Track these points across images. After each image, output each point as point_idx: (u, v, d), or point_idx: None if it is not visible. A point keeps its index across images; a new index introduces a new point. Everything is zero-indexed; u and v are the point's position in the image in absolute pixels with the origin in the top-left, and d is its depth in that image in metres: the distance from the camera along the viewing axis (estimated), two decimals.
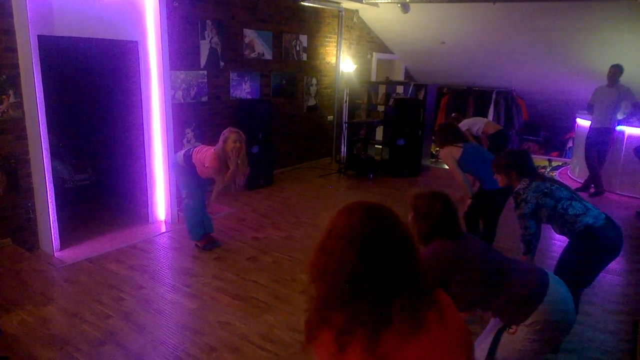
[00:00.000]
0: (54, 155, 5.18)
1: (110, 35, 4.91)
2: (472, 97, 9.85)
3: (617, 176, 7.37)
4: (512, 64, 8.84)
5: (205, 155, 4.40)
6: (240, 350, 3.20)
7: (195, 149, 4.56)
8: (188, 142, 6.13)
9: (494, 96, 9.51)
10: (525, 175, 3.17)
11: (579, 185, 7.50)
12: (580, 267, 3.04)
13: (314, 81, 8.32)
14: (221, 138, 4.37)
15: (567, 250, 3.14)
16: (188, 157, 4.56)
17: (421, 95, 8.66)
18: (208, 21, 6.17)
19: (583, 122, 7.73)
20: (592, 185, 7.28)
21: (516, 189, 3.16)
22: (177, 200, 5.60)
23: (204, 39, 6.16)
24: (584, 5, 6.76)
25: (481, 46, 8.69)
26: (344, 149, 8.60)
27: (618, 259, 5.04)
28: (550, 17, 7.25)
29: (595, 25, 7.06)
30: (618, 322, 3.73)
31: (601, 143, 6.98)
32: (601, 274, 4.60)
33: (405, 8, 7.71)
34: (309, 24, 7.96)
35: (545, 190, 3.06)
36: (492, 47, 8.59)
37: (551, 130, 10.53)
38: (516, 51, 8.45)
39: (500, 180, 3.32)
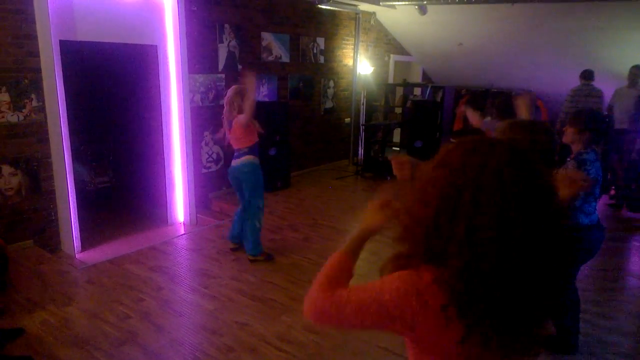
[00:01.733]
0: (75, 158, 5.27)
1: (130, 39, 4.99)
2: (490, 99, 9.75)
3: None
4: (530, 65, 8.73)
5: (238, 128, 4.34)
6: (258, 351, 3.22)
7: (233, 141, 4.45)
8: (206, 144, 6.18)
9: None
10: (595, 142, 2.98)
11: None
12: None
13: (331, 83, 8.33)
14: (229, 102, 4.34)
15: None
16: (249, 148, 4.41)
17: (439, 97, 8.61)
18: (226, 25, 6.22)
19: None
20: (613, 187, 7.15)
21: (583, 156, 2.93)
22: (197, 203, 5.66)
23: (222, 42, 6.21)
24: (603, 5, 6.65)
25: (499, 47, 8.61)
26: (361, 151, 8.58)
27: (638, 261, 5.00)
28: (569, 18, 7.15)
29: (614, 25, 6.95)
30: (638, 325, 3.67)
31: (622, 144, 6.87)
32: (624, 277, 4.56)
33: (422, 10, 7.67)
34: (326, 26, 7.98)
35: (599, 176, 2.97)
36: (511, 48, 8.50)
37: None
38: (535, 52, 8.34)
39: (568, 134, 3.03)
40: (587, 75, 6.99)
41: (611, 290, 4.30)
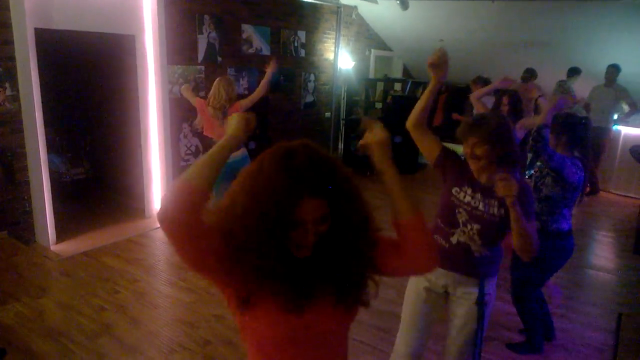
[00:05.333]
0: (50, 148, 5.18)
1: (107, 29, 4.91)
2: (469, 96, 9.84)
3: (612, 175, 7.41)
4: (510, 62, 8.84)
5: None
6: (235, 344, 3.22)
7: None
8: (185, 136, 6.12)
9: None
10: (575, 145, 3.03)
11: None
12: (538, 266, 3.03)
13: (312, 77, 8.32)
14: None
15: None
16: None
17: (419, 93, 8.67)
18: (206, 16, 6.16)
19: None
20: (588, 184, 7.31)
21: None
22: None
23: (202, 33, 6.15)
24: (582, 5, 6.77)
25: (480, 44, 8.69)
26: (341, 145, 8.60)
27: (611, 257, 5.13)
28: (548, 16, 7.26)
29: (593, 24, 7.07)
30: (609, 319, 3.77)
31: (598, 142, 7.01)
32: (593, 272, 4.68)
33: (404, 5, 7.70)
34: (308, 20, 7.96)
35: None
36: (491, 45, 8.59)
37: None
38: (514, 50, 8.45)
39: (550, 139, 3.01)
40: (570, 72, 7.34)
41: (582, 285, 4.42)
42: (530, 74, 7.28)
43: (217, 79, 4.62)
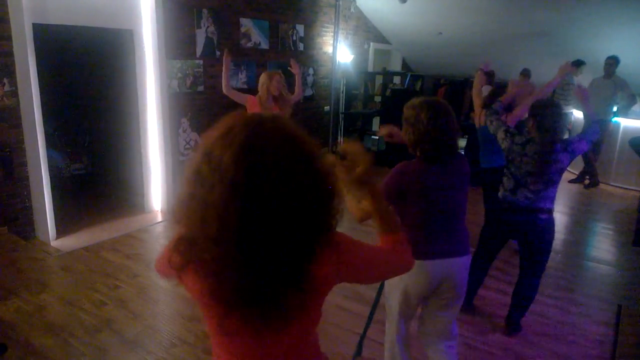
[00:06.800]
0: (49, 144, 5.17)
1: (105, 23, 4.90)
2: (468, 89, 9.85)
3: (612, 167, 7.41)
4: (509, 55, 8.83)
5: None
6: None
7: None
8: (184, 131, 6.12)
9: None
10: (545, 130, 3.00)
11: (574, 176, 7.52)
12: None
13: (311, 71, 8.31)
14: (261, 83, 4.81)
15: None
16: None
17: (418, 86, 8.66)
18: (204, 10, 6.14)
19: (578, 114, 7.75)
20: (587, 177, 7.31)
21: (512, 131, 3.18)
22: (174, 190, 5.63)
23: (200, 27, 6.14)
24: None
25: (478, 37, 8.67)
26: (340, 139, 8.60)
27: (610, 249, 5.13)
28: (547, 9, 7.24)
29: (592, 16, 7.05)
30: (610, 311, 3.78)
31: None
32: (592, 264, 4.69)
33: None
34: (306, 13, 7.93)
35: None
36: (489, 38, 8.57)
37: None
38: (513, 43, 8.44)
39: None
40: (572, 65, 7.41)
41: (582, 277, 4.43)
42: (528, 72, 7.46)
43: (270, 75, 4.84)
